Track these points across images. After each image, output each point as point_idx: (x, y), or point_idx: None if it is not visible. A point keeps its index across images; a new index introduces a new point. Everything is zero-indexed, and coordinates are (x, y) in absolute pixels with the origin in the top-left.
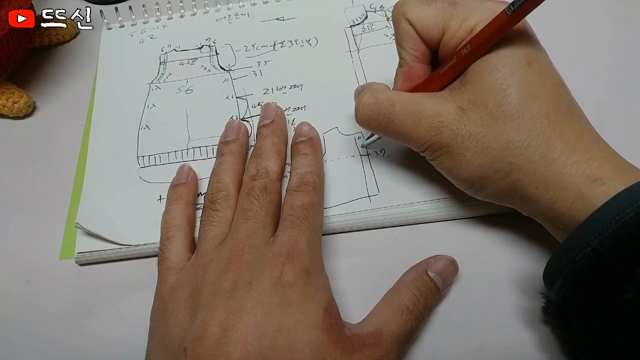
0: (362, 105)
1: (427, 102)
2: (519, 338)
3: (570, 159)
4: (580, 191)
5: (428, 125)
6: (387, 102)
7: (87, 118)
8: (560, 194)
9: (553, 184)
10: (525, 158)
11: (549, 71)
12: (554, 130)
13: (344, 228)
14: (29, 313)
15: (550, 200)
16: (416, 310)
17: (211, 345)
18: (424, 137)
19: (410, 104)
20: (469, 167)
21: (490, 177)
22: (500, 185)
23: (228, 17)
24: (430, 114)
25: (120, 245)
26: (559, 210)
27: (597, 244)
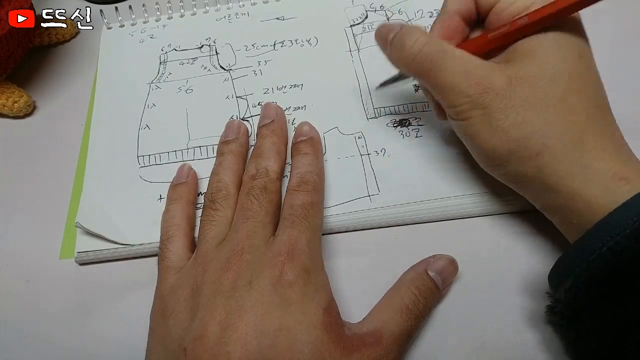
0: (412, 43)
1: (477, 62)
2: (519, 338)
3: (600, 155)
4: (605, 186)
5: (475, 82)
6: (439, 46)
7: (87, 118)
8: (584, 186)
9: (580, 175)
10: (559, 143)
11: (593, 67)
12: (590, 125)
13: (343, 227)
14: (29, 313)
15: (572, 192)
16: (416, 309)
17: (211, 345)
18: (467, 92)
19: (460, 57)
20: (502, 136)
21: (519, 153)
22: (525, 166)
23: (228, 17)
24: (480, 74)
25: (120, 245)
26: (577, 204)
27: (613, 243)
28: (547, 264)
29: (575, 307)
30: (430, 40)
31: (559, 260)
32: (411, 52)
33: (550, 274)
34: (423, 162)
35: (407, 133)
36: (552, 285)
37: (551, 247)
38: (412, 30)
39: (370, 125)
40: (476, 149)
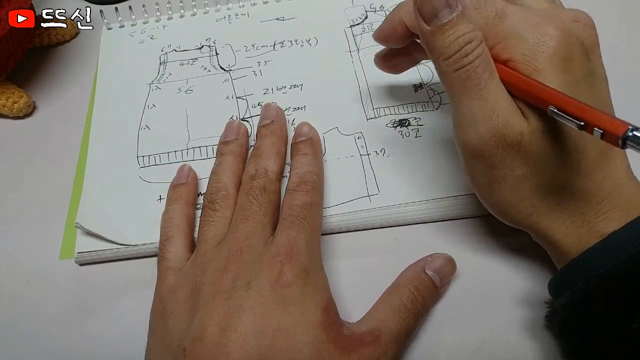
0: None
1: (507, 105)
2: (519, 338)
3: (581, 210)
4: (580, 242)
5: (494, 128)
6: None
7: (87, 118)
8: (563, 243)
9: (560, 233)
10: (544, 205)
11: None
12: (579, 182)
13: (343, 228)
14: (29, 313)
15: (553, 243)
16: (414, 308)
17: (210, 345)
18: (481, 135)
19: (498, 91)
20: (499, 198)
21: (513, 213)
22: (519, 221)
23: (228, 17)
24: (502, 119)
25: (120, 245)
26: (558, 254)
27: (611, 267)
28: (547, 264)
29: (568, 322)
30: (486, 53)
31: (556, 276)
32: (458, 62)
33: (549, 284)
34: (423, 162)
35: (406, 133)
36: (552, 294)
37: None
38: (471, 30)
39: (369, 126)
40: (478, 196)
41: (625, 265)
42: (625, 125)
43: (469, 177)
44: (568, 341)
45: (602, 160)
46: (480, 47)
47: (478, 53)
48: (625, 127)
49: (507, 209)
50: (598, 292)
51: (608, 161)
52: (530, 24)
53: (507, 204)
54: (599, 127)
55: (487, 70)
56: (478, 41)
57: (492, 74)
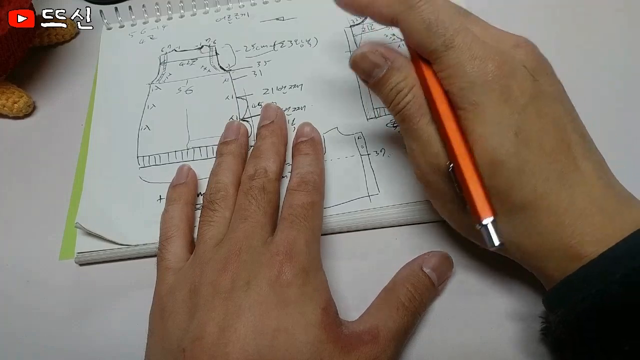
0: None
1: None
2: (519, 338)
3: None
4: (559, 266)
5: (428, 160)
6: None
7: (87, 118)
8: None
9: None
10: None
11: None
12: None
13: (343, 228)
14: (29, 313)
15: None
16: (412, 306)
17: (209, 345)
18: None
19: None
20: (455, 220)
21: (475, 235)
22: None
23: (228, 17)
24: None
25: (120, 245)
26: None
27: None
28: None
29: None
30: (415, 97)
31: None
32: (395, 108)
33: (544, 300)
34: None
35: None
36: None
37: None
38: (398, 81)
39: (370, 126)
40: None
41: (620, 284)
42: (479, 218)
43: (431, 201)
44: (562, 358)
45: (565, 178)
46: (409, 94)
47: (407, 100)
48: (478, 219)
49: (467, 229)
50: (589, 313)
51: (574, 176)
52: (470, 56)
53: (466, 224)
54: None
55: (418, 112)
56: (407, 89)
57: (423, 115)
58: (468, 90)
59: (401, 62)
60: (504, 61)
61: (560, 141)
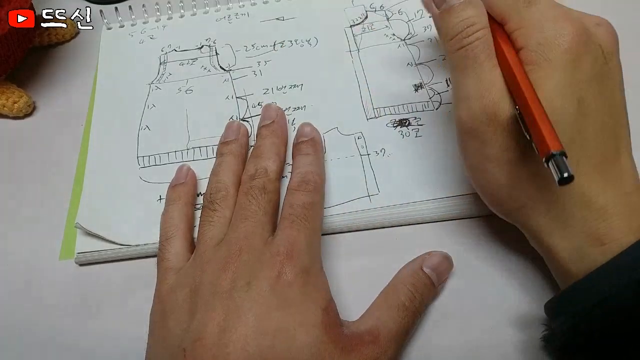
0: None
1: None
2: (518, 337)
3: (581, 212)
4: (579, 247)
5: (485, 105)
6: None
7: (87, 118)
8: (559, 243)
9: (555, 235)
10: (540, 198)
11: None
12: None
13: (343, 228)
14: (29, 313)
15: (550, 245)
16: (412, 306)
17: (210, 346)
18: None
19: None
20: (491, 181)
21: (506, 202)
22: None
23: (228, 17)
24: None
25: (120, 245)
26: (556, 257)
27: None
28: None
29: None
30: (486, 37)
31: (555, 297)
32: (460, 41)
33: (546, 306)
34: (423, 162)
35: (407, 133)
36: (548, 314)
37: None
38: (474, 14)
39: (370, 126)
40: (472, 182)
41: (630, 292)
42: (548, 149)
43: (463, 157)
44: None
45: (605, 165)
46: (481, 31)
47: (478, 36)
48: (548, 151)
49: (499, 194)
50: (600, 318)
51: (613, 167)
52: (553, 16)
53: (500, 187)
54: (535, 140)
55: (485, 53)
56: (480, 25)
57: (489, 57)
58: (545, 46)
59: (478, 1)
60: (584, 32)
61: (611, 127)
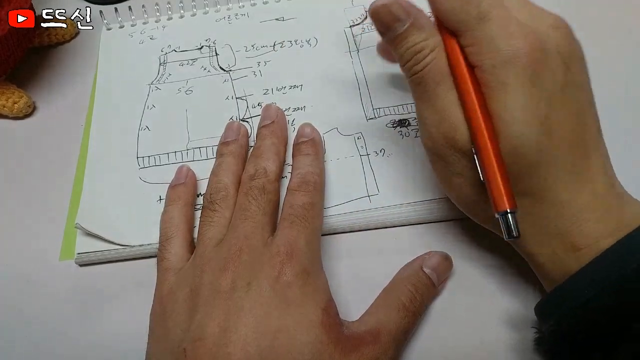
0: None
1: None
2: (518, 337)
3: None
4: (554, 252)
5: (444, 132)
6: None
7: (87, 118)
8: (534, 253)
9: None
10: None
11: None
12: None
13: (344, 228)
14: (29, 313)
15: (525, 252)
16: (412, 306)
17: (210, 346)
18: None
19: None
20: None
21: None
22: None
23: (228, 18)
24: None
25: (120, 246)
26: (535, 261)
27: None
28: None
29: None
30: (435, 59)
31: (543, 300)
32: (411, 69)
33: (536, 309)
34: (423, 162)
35: (406, 133)
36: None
37: None
38: (421, 39)
39: (369, 126)
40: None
41: (609, 292)
42: (500, 208)
43: (434, 173)
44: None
45: (576, 169)
46: (430, 55)
47: (427, 62)
48: (500, 209)
49: (471, 207)
50: (583, 321)
51: (584, 171)
52: (506, 34)
53: (470, 201)
54: (488, 191)
55: (435, 80)
56: (428, 49)
57: (441, 82)
58: (500, 68)
59: (425, 21)
60: (539, 44)
61: (579, 133)
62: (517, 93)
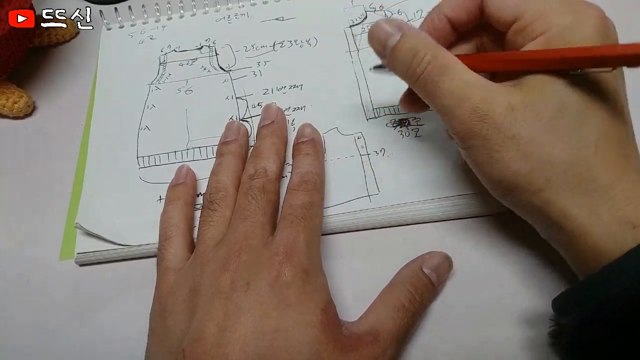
0: (415, 58)
1: (480, 84)
2: (519, 337)
3: (608, 194)
4: (609, 229)
5: (472, 108)
6: (442, 67)
7: (87, 118)
8: (587, 228)
9: (583, 215)
10: (563, 180)
11: (612, 97)
12: (600, 160)
13: (343, 228)
14: (29, 313)
15: (574, 230)
16: (412, 307)
17: (209, 346)
18: (462, 118)
19: (461, 78)
20: (503, 169)
21: (522, 187)
22: (529, 199)
23: (227, 18)
24: (478, 98)
25: (119, 246)
26: (580, 244)
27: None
28: (547, 264)
29: (579, 339)
30: (436, 57)
31: (565, 293)
32: (412, 68)
33: (554, 303)
34: (423, 162)
35: (406, 133)
36: (557, 312)
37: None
38: (415, 40)
39: (369, 126)
40: (481, 177)
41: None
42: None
43: (467, 157)
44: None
45: (619, 150)
46: (428, 55)
47: (427, 60)
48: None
49: (514, 182)
50: (613, 313)
51: (626, 152)
52: (572, 3)
53: (514, 174)
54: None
55: (441, 70)
56: (424, 50)
57: (447, 71)
58: (569, 31)
59: (416, 31)
60: (603, 15)
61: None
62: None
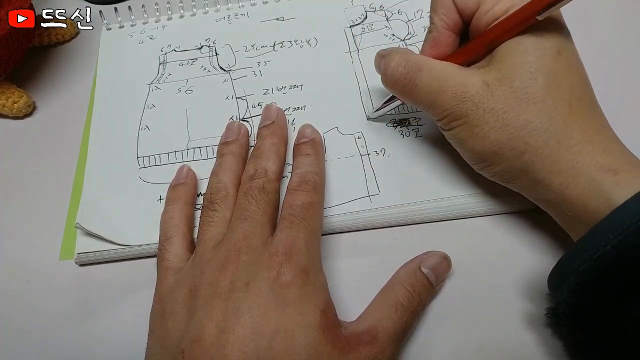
0: (391, 67)
1: (454, 72)
2: (518, 338)
3: (586, 149)
4: (592, 179)
5: (451, 93)
6: (415, 66)
7: (87, 118)
8: (571, 181)
9: (565, 170)
10: (542, 141)
11: (576, 63)
12: (574, 119)
13: (343, 228)
14: (29, 313)
15: (560, 185)
16: (410, 306)
17: (208, 347)
18: (444, 105)
19: (436, 70)
20: (484, 141)
21: (504, 154)
22: (513, 164)
23: (228, 18)
24: (454, 84)
25: (119, 246)
26: (568, 197)
27: (617, 241)
28: (547, 264)
29: (578, 307)
30: (407, 62)
31: (561, 260)
32: (392, 76)
33: (550, 276)
34: (423, 162)
35: (406, 133)
36: (553, 287)
37: (550, 247)
38: (393, 53)
39: (370, 126)
40: (465, 154)
41: (633, 238)
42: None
43: (452, 140)
44: (572, 333)
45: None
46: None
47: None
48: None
49: (497, 150)
50: (604, 271)
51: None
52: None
53: (495, 143)
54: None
55: (415, 68)
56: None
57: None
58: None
59: (394, 49)
60: None
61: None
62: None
